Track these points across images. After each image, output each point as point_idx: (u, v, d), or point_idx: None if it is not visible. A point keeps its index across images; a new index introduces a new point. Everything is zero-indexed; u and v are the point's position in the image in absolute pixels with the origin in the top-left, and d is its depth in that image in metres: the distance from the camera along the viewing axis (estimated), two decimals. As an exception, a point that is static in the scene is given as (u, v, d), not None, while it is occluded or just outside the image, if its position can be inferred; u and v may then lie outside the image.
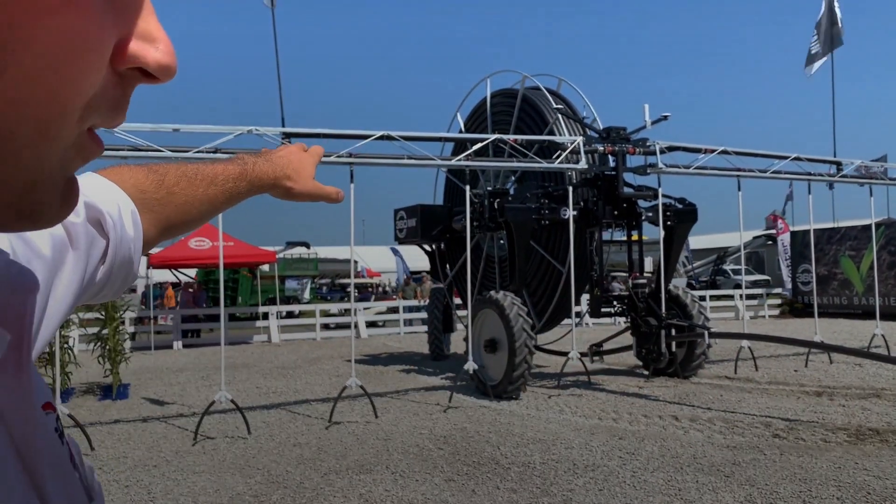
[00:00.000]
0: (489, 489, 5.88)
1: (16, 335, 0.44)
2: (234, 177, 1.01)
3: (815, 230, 24.11)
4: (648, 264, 12.75)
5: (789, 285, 25.06)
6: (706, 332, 10.64)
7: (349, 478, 6.29)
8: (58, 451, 0.50)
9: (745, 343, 11.95)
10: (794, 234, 25.17)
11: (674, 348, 11.11)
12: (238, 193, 1.01)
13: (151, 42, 0.41)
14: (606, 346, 12.21)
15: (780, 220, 26.34)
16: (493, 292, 10.84)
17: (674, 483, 5.89)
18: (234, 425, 8.44)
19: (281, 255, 25.61)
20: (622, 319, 12.28)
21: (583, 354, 11.22)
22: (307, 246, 28.99)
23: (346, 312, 21.58)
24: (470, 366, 10.08)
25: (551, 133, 12.60)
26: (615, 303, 11.95)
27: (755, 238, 33.72)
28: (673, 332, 11.06)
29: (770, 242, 31.02)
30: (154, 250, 22.54)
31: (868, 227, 17.56)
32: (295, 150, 1.13)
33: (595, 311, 12.02)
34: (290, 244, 26.11)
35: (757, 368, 11.85)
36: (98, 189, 0.83)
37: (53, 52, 0.36)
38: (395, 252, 32.84)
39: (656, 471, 6.25)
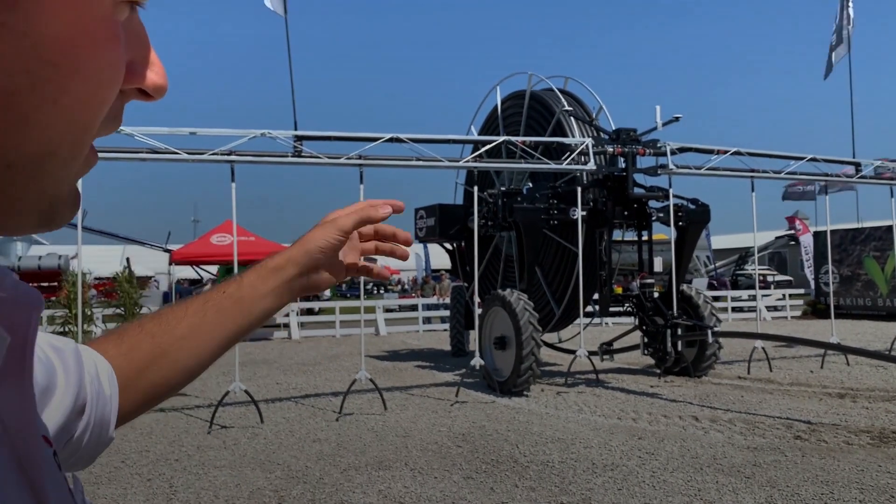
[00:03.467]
0: (508, 487, 5.89)
1: (18, 342, 0.45)
2: (215, 292, 0.94)
3: (839, 230, 24.00)
4: (659, 264, 12.73)
5: (812, 286, 24.82)
6: (709, 332, 10.65)
7: (368, 474, 6.32)
8: (56, 474, 0.51)
9: (758, 343, 11.90)
10: (816, 234, 24.93)
11: (680, 347, 11.11)
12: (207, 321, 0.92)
13: (150, 67, 0.47)
14: (617, 345, 12.24)
15: (798, 221, 26.08)
16: (501, 290, 10.93)
17: (693, 483, 5.87)
18: (254, 419, 8.52)
19: (301, 252, 25.70)
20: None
21: (592, 353, 11.30)
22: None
23: (364, 310, 21.63)
24: (476, 361, 10.23)
25: (559, 125, 12.70)
26: (624, 302, 11.99)
27: (777, 238, 33.46)
28: (679, 331, 11.09)
29: (793, 243, 30.74)
30: (176, 247, 22.77)
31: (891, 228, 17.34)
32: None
33: (604, 310, 12.11)
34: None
35: (771, 369, 11.77)
36: (85, 352, 0.82)
37: (100, 81, 0.41)
38: (425, 247, 32.85)
39: (676, 471, 6.22)
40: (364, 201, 1.03)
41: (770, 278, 31.45)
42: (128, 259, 24.19)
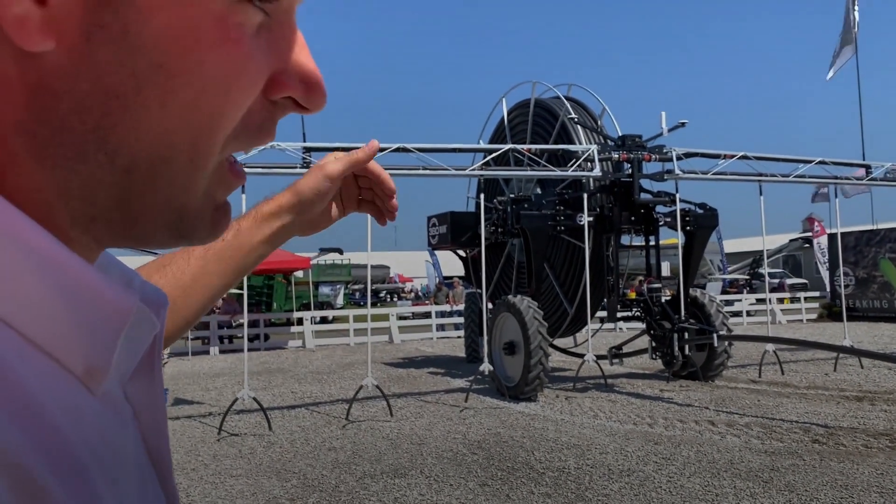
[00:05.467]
0: (524, 494, 5.87)
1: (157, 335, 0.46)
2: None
3: (854, 232, 23.82)
4: (666, 269, 12.82)
5: (828, 288, 24.63)
6: (715, 335, 10.64)
7: (384, 482, 6.32)
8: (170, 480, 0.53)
9: (769, 347, 11.86)
10: (831, 236, 24.75)
11: (688, 351, 11.11)
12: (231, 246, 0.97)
13: (303, 76, 0.44)
14: (626, 349, 12.30)
15: (816, 223, 25.92)
16: (510, 296, 10.96)
17: (711, 489, 5.83)
18: (267, 427, 8.55)
19: (315, 262, 25.79)
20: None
21: (601, 357, 11.35)
22: (340, 252, 29.15)
23: (379, 318, 21.68)
24: (485, 366, 10.33)
25: (564, 130, 12.77)
26: (632, 307, 12.02)
27: (791, 241, 33.26)
28: (686, 335, 11.09)
29: (807, 245, 30.55)
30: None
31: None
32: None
33: (612, 315, 12.14)
34: (324, 250, 26.23)
35: (783, 373, 11.70)
36: None
37: (210, 85, 0.39)
38: (432, 254, 32.90)
39: (693, 476, 6.19)
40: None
41: (787, 281, 31.24)
42: (142, 270, 24.30)
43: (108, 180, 0.39)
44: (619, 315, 12.26)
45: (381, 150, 10.27)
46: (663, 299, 11.61)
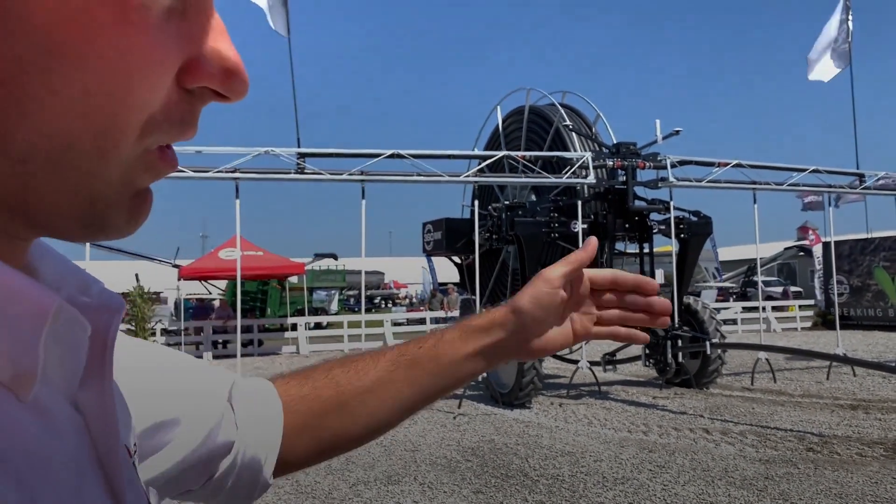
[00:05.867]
0: (518, 501, 5.85)
1: (99, 345, 0.45)
2: (412, 345, 0.87)
3: (849, 241, 23.89)
4: (660, 276, 12.96)
5: (821, 297, 24.68)
6: (708, 343, 10.68)
7: (377, 488, 6.29)
8: (136, 482, 0.51)
9: (762, 355, 11.89)
10: (826, 244, 24.81)
11: (681, 359, 11.13)
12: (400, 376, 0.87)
13: (220, 62, 0.42)
14: (620, 356, 12.35)
15: (810, 231, 25.98)
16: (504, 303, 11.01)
17: (705, 497, 5.82)
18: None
19: (309, 267, 25.79)
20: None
21: (595, 363, 11.36)
22: (335, 258, 29.16)
23: (373, 324, 21.66)
24: None
25: (558, 136, 12.83)
26: None
27: (786, 249, 33.33)
28: (679, 342, 11.12)
29: (801, 254, 30.63)
30: (184, 263, 22.86)
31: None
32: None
33: None
34: (319, 256, 26.24)
35: (776, 380, 11.72)
36: (250, 386, 0.85)
37: (109, 71, 0.37)
38: (429, 260, 32.90)
39: (687, 484, 6.17)
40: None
41: (779, 290, 31.28)
42: (136, 275, 24.28)
43: (3, 171, 0.37)
44: None
45: (375, 155, 10.28)
46: None
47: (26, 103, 0.35)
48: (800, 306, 25.73)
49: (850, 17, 14.50)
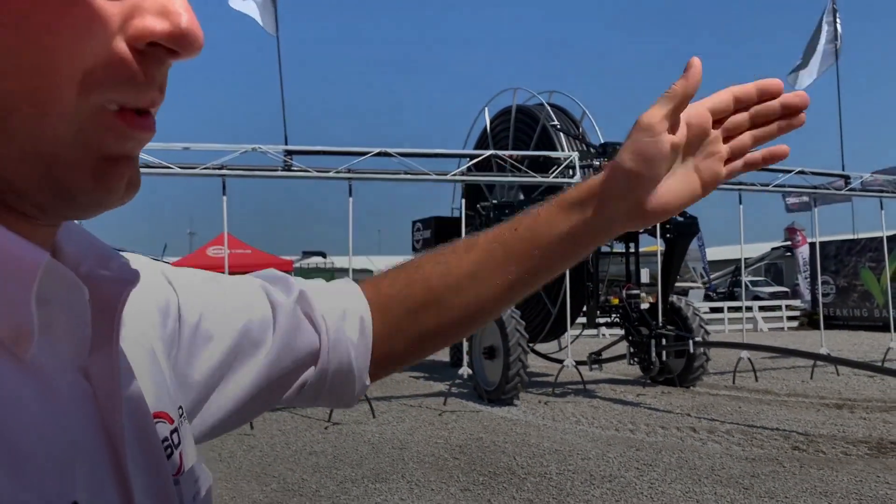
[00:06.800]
0: (505, 499, 5.85)
1: (107, 315, 0.46)
2: (506, 228, 0.79)
3: (835, 241, 24.05)
4: (645, 275, 13.00)
5: (808, 297, 24.83)
6: (691, 342, 10.78)
7: (365, 486, 6.28)
8: (153, 451, 0.51)
9: (744, 354, 11.99)
10: (812, 245, 24.97)
11: (665, 357, 11.21)
12: (519, 244, 0.77)
13: (166, 15, 0.40)
14: (606, 355, 12.40)
15: (798, 233, 26.13)
16: None
17: (692, 495, 5.84)
18: (245, 427, 8.47)
19: (297, 265, 25.73)
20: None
21: (580, 362, 11.41)
22: (323, 255, 29.14)
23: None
24: (464, 370, 10.46)
25: (545, 133, 12.86)
26: (611, 313, 12.19)
27: (773, 249, 33.49)
28: (664, 341, 11.20)
29: (788, 254, 30.77)
30: (172, 259, 22.77)
31: (888, 239, 17.40)
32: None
33: (591, 321, 12.30)
34: (307, 254, 26.22)
35: (757, 379, 11.82)
36: (330, 292, 0.84)
37: (32, 26, 0.36)
38: None
39: (674, 482, 6.19)
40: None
41: (767, 290, 31.43)
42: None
43: None
44: (599, 321, 12.34)
45: (363, 153, 10.26)
46: (643, 306, 11.70)
47: None
48: (787, 306, 25.88)
49: (838, 20, 14.57)
